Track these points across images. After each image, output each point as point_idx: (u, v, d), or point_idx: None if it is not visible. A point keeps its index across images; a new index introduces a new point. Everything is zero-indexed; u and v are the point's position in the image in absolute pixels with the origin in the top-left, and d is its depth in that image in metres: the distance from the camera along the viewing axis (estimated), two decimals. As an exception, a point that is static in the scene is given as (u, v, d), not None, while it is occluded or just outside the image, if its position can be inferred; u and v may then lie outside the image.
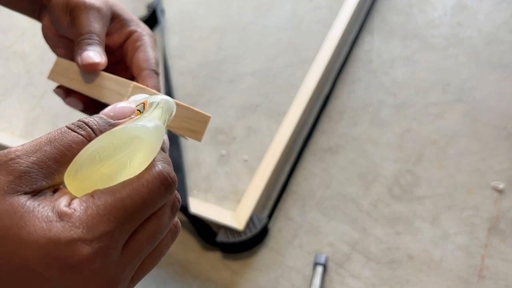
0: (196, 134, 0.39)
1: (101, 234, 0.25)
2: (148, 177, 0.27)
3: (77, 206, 0.25)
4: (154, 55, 0.45)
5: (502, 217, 0.85)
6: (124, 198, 0.26)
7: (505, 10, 1.15)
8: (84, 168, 0.27)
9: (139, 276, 0.29)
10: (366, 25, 1.18)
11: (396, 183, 0.91)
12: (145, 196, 0.27)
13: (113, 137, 0.28)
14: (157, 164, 0.28)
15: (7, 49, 1.32)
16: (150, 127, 0.29)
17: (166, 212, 0.29)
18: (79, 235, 0.24)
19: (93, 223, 0.25)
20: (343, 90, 1.07)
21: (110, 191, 0.26)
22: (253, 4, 1.29)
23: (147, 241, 0.28)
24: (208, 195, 0.95)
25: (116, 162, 0.27)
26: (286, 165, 0.97)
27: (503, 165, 0.90)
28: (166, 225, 0.29)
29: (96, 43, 0.42)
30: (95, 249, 0.25)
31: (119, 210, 0.26)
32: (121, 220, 0.26)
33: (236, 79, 1.13)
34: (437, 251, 0.83)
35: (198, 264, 0.88)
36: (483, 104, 0.99)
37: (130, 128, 0.28)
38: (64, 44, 0.47)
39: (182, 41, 1.24)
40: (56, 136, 0.28)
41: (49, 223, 0.24)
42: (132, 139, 0.28)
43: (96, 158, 0.27)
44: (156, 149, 0.29)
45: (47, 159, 0.27)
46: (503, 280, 0.79)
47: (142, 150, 0.28)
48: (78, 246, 0.24)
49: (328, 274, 0.83)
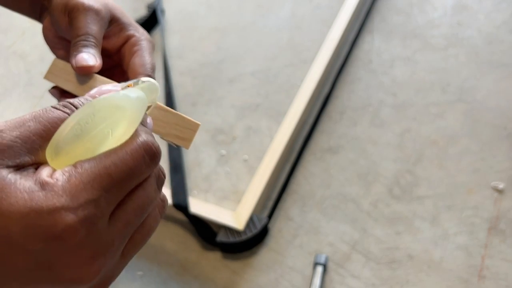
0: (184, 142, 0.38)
1: (85, 201, 0.24)
2: (132, 146, 0.27)
3: (60, 176, 0.25)
4: (151, 61, 0.45)
5: (502, 217, 0.85)
6: (108, 165, 0.25)
7: (505, 10, 1.15)
8: (65, 141, 0.26)
9: (130, 252, 0.28)
10: (366, 25, 1.18)
11: (396, 183, 0.91)
12: (130, 164, 0.26)
13: (94, 107, 0.27)
14: (141, 134, 0.28)
15: (7, 49, 1.32)
16: (132, 96, 0.28)
17: (151, 183, 0.28)
18: (62, 203, 0.24)
19: (77, 191, 0.24)
20: (343, 90, 1.07)
21: (94, 160, 0.26)
22: (253, 4, 1.29)
23: (134, 212, 0.27)
24: (208, 195, 0.95)
25: (98, 133, 0.27)
26: (286, 165, 0.97)
27: (503, 165, 0.90)
28: (153, 197, 0.28)
29: (92, 45, 0.42)
30: (79, 217, 0.24)
31: (103, 177, 0.25)
32: (106, 187, 0.25)
33: (236, 79, 1.13)
34: (437, 251, 0.83)
35: (198, 264, 0.88)
36: (483, 104, 0.99)
37: (112, 98, 0.28)
38: (63, 46, 0.47)
39: (182, 41, 1.24)
40: (41, 113, 0.27)
41: (30, 193, 0.24)
42: (114, 109, 0.27)
43: (78, 130, 0.26)
44: (138, 119, 0.28)
45: (31, 134, 0.26)
46: (503, 280, 0.79)
47: (124, 119, 0.27)
48: (62, 215, 0.23)
49: (328, 274, 0.83)
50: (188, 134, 0.38)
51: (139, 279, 0.87)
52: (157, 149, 0.28)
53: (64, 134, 0.26)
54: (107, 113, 0.27)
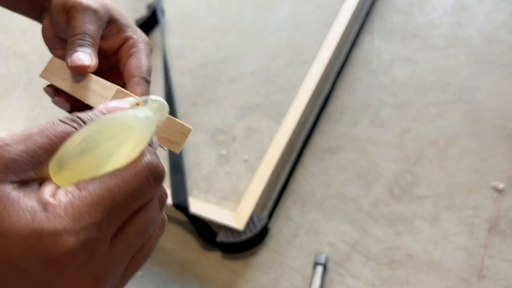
0: (174, 146, 0.37)
1: (87, 224, 0.24)
2: (137, 167, 0.26)
3: (62, 197, 0.24)
4: (147, 63, 0.44)
5: (502, 217, 0.85)
6: (112, 187, 0.25)
7: (505, 10, 1.15)
8: (70, 156, 0.26)
9: (130, 272, 0.28)
10: (366, 25, 1.18)
11: (396, 183, 0.91)
12: (134, 186, 0.26)
13: (102, 124, 0.27)
14: (146, 155, 0.27)
15: (7, 49, 1.32)
16: (141, 117, 0.28)
17: (155, 205, 0.28)
18: (64, 225, 0.23)
19: (79, 214, 0.24)
20: (343, 90, 1.07)
21: (97, 181, 0.25)
22: (253, 4, 1.29)
23: (137, 234, 0.27)
24: (208, 195, 0.95)
25: (104, 151, 0.26)
26: (286, 165, 0.97)
27: (503, 165, 0.90)
28: (155, 219, 0.28)
29: (88, 44, 0.41)
30: (81, 241, 0.23)
31: (106, 200, 0.24)
32: (109, 210, 0.24)
33: (236, 79, 1.13)
34: (437, 251, 0.83)
35: (198, 264, 0.88)
36: (483, 104, 0.99)
37: (121, 116, 0.28)
38: (62, 46, 0.47)
39: (182, 41, 1.24)
40: (48, 127, 0.27)
41: (33, 213, 0.23)
42: (122, 128, 0.27)
43: (84, 146, 0.26)
44: (145, 139, 0.28)
45: (37, 148, 0.26)
46: (503, 280, 0.79)
47: (132, 139, 0.27)
48: (63, 237, 0.23)
49: (328, 274, 0.83)
50: (179, 138, 0.37)
51: (139, 279, 0.87)
52: (161, 170, 0.27)
53: (69, 149, 0.26)
54: (115, 132, 0.27)
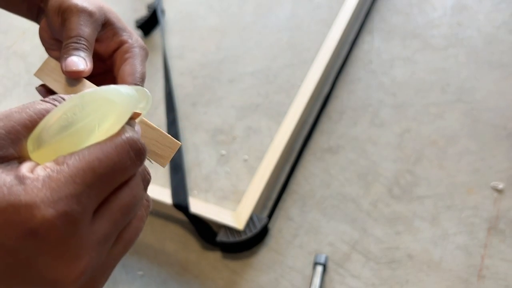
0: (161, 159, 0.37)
1: (66, 196, 0.23)
2: (117, 141, 0.25)
3: (41, 171, 0.24)
4: (141, 70, 0.43)
5: (501, 217, 0.85)
6: (91, 160, 0.24)
7: (505, 10, 1.15)
8: (50, 132, 0.25)
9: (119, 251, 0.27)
10: (366, 25, 1.18)
11: (396, 183, 0.92)
12: (115, 159, 0.25)
13: (83, 98, 0.26)
14: (127, 130, 0.27)
15: (8, 50, 1.32)
16: (123, 91, 0.28)
17: (138, 182, 0.27)
18: (41, 197, 0.22)
19: (57, 186, 0.23)
20: (343, 90, 1.07)
21: (76, 154, 0.24)
22: (253, 4, 1.29)
23: (120, 210, 0.26)
24: (208, 195, 0.95)
25: (84, 125, 0.26)
26: (286, 165, 0.97)
27: (502, 165, 0.90)
28: (140, 197, 0.27)
29: (83, 48, 0.41)
30: (59, 212, 0.22)
31: (86, 172, 0.24)
32: (88, 183, 0.24)
33: (236, 79, 1.13)
34: (437, 251, 0.83)
35: (198, 264, 0.88)
36: (482, 104, 0.99)
37: (102, 91, 0.27)
38: (59, 47, 0.46)
39: (182, 41, 1.24)
40: (28, 105, 0.26)
41: (10, 187, 0.23)
42: (103, 102, 0.27)
43: (64, 121, 0.25)
44: (126, 115, 0.27)
45: (16, 124, 0.25)
46: (503, 280, 0.79)
47: (113, 113, 0.26)
48: (40, 209, 0.22)
49: (328, 274, 0.83)
50: (166, 152, 0.37)
51: (139, 279, 0.87)
52: (142, 146, 0.27)
53: (49, 124, 0.25)
54: (96, 106, 0.26)
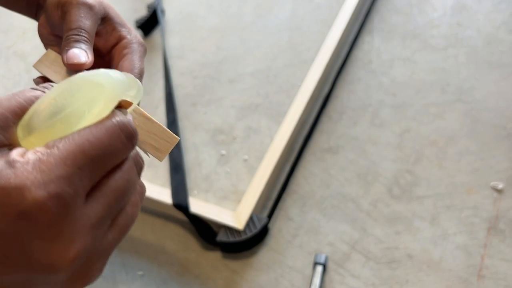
0: (158, 153, 0.37)
1: (57, 177, 0.23)
2: (107, 124, 0.25)
3: (31, 155, 0.23)
4: (140, 65, 0.43)
5: (501, 217, 0.85)
6: (82, 142, 0.24)
7: (505, 10, 1.15)
8: (40, 118, 0.25)
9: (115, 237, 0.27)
10: (366, 25, 1.18)
11: (395, 183, 0.92)
12: (105, 141, 0.25)
13: (72, 83, 0.26)
14: (117, 114, 0.26)
15: (8, 50, 1.33)
16: (112, 75, 0.28)
17: (131, 166, 0.27)
18: (32, 179, 0.22)
19: (48, 168, 0.23)
20: (343, 90, 1.07)
21: (67, 138, 0.24)
22: (253, 4, 1.29)
23: (113, 194, 0.25)
24: (208, 195, 0.95)
25: (74, 110, 0.25)
26: (286, 165, 0.97)
27: (502, 165, 0.91)
28: (134, 181, 0.27)
29: (84, 40, 0.41)
30: (50, 194, 0.22)
31: (76, 154, 0.23)
32: (79, 164, 0.23)
33: (236, 79, 1.13)
34: (437, 251, 0.83)
35: (198, 264, 0.88)
36: (482, 104, 1.00)
37: (91, 74, 0.27)
38: (58, 43, 0.46)
39: (182, 42, 1.24)
40: (18, 92, 0.26)
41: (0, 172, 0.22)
42: (92, 86, 0.26)
43: (54, 107, 0.25)
44: (116, 98, 0.27)
45: (4, 111, 0.25)
46: (503, 280, 0.79)
47: (103, 98, 0.26)
48: (31, 191, 0.22)
49: (328, 274, 0.83)
50: (164, 146, 0.37)
51: (139, 278, 0.87)
52: (133, 128, 0.27)
53: (39, 110, 0.25)
54: (86, 91, 0.26)
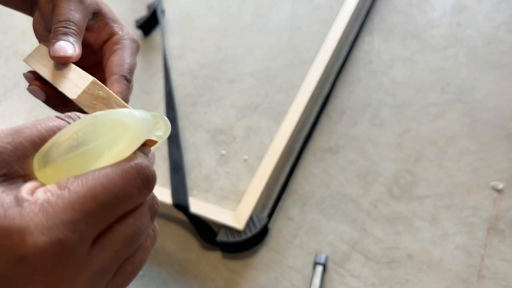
0: None
1: (62, 223, 0.21)
2: (124, 166, 0.24)
3: (41, 194, 0.22)
4: (130, 61, 0.42)
5: (501, 217, 0.85)
6: (94, 186, 0.23)
7: (504, 10, 1.15)
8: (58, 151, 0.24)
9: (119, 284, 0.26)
10: (366, 25, 1.18)
11: (395, 183, 0.92)
12: (119, 186, 0.23)
13: (95, 119, 0.25)
14: (137, 156, 0.25)
15: (8, 50, 1.32)
16: (137, 115, 0.26)
17: (144, 212, 0.26)
18: (36, 222, 0.21)
19: (54, 211, 0.22)
20: (343, 90, 1.07)
21: (80, 178, 0.23)
22: (253, 4, 1.29)
23: (123, 241, 0.24)
24: (208, 195, 0.95)
25: (94, 147, 0.24)
26: (286, 165, 0.97)
27: (502, 165, 0.91)
28: (146, 228, 0.26)
29: (72, 32, 0.40)
30: (52, 240, 0.21)
31: (87, 198, 0.22)
32: (88, 210, 0.22)
33: (236, 79, 1.13)
34: (437, 251, 0.83)
35: (198, 264, 0.88)
36: (482, 104, 1.00)
37: (117, 113, 0.26)
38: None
39: (182, 41, 1.24)
40: (41, 121, 0.25)
41: (7, 209, 0.21)
42: (116, 124, 0.25)
43: (74, 141, 0.24)
44: (139, 140, 0.26)
45: (24, 140, 0.24)
46: (503, 280, 0.79)
47: (125, 138, 0.25)
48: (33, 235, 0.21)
49: (328, 274, 0.83)
50: None
51: (139, 279, 0.87)
52: (151, 173, 0.25)
53: (58, 143, 0.24)
54: (109, 128, 0.25)
